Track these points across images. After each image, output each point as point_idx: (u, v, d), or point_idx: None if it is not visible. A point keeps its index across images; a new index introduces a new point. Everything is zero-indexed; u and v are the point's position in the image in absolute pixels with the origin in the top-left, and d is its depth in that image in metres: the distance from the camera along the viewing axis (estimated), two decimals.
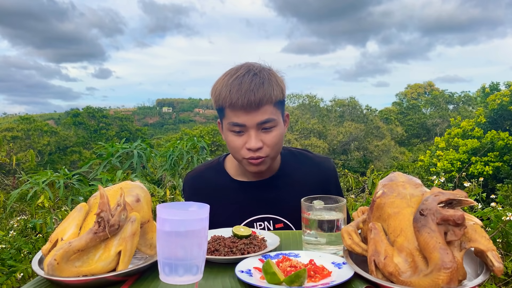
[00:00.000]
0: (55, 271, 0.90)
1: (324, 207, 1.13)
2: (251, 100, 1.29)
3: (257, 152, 1.35)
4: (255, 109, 1.31)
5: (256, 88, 1.30)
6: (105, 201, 0.93)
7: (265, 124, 1.34)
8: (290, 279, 0.88)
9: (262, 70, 1.36)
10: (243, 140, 1.35)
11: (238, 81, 1.32)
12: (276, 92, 1.34)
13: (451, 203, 0.88)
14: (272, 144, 1.36)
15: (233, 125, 1.35)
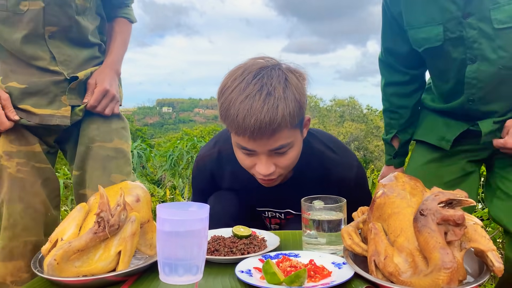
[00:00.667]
0: (55, 271, 0.90)
1: (324, 207, 1.13)
2: (262, 129, 1.09)
3: (270, 175, 1.21)
4: (267, 138, 1.13)
5: (270, 113, 1.08)
6: (105, 201, 0.93)
7: (278, 150, 1.17)
8: (290, 279, 0.88)
9: (278, 85, 1.11)
10: (253, 161, 1.20)
11: (248, 102, 1.09)
12: (292, 112, 1.12)
13: (451, 203, 0.88)
14: (285, 166, 1.22)
15: (242, 148, 1.19)
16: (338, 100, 31.90)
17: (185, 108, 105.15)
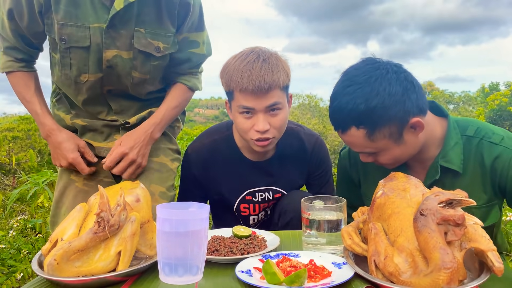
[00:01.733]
0: (55, 271, 0.90)
1: (324, 207, 1.13)
2: (261, 85, 1.35)
3: (265, 133, 1.42)
4: (264, 94, 1.37)
5: (265, 74, 1.36)
6: (105, 201, 0.93)
7: (272, 107, 1.41)
8: (290, 279, 0.88)
9: (270, 56, 1.42)
10: (252, 122, 1.42)
11: (249, 67, 1.37)
12: (283, 77, 1.40)
13: (451, 203, 0.88)
14: (278, 126, 1.44)
15: (243, 108, 1.41)
16: None
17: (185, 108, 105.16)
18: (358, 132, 1.15)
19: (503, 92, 12.02)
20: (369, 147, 1.18)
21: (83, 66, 1.44)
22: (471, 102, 28.01)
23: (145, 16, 1.40)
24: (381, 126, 1.13)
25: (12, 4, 1.36)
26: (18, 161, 5.03)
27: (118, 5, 1.33)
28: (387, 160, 1.21)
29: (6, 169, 5.07)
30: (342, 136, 1.21)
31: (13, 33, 1.41)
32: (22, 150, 5.27)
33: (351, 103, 1.13)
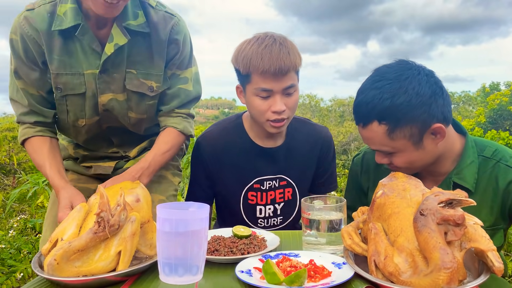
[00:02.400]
0: (55, 271, 0.90)
1: (324, 207, 1.12)
2: (282, 67, 1.41)
3: (281, 114, 1.48)
4: (283, 76, 1.44)
5: (284, 56, 1.42)
6: (105, 201, 0.93)
7: (288, 89, 1.47)
8: (290, 279, 0.88)
9: (285, 40, 1.49)
10: (269, 104, 1.47)
11: (268, 50, 1.42)
12: (298, 60, 1.48)
13: (451, 203, 0.88)
14: (292, 107, 1.52)
15: (261, 90, 1.46)
16: (338, 100, 31.86)
17: None
18: (379, 128, 1.14)
19: (503, 92, 12.01)
20: (387, 146, 1.16)
21: (80, 111, 1.44)
22: (471, 102, 27.98)
23: (136, 57, 1.39)
24: (402, 125, 1.12)
25: (16, 64, 1.37)
26: (18, 161, 5.03)
27: (109, 50, 1.33)
28: (402, 163, 1.19)
29: (6, 169, 5.07)
30: (362, 131, 1.20)
31: (23, 92, 1.40)
32: (22, 150, 5.28)
33: (377, 97, 1.13)
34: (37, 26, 1.30)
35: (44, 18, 1.30)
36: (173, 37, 1.41)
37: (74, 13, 1.29)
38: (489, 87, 16.55)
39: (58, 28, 1.30)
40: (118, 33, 1.32)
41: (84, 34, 1.31)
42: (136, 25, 1.35)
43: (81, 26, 1.30)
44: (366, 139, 1.21)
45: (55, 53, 1.33)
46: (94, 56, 1.35)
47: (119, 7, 1.23)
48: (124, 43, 1.33)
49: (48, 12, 1.31)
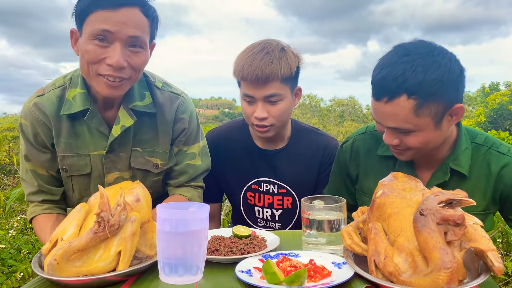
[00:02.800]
0: (55, 271, 0.90)
1: (324, 207, 1.13)
2: (258, 76, 1.46)
3: (263, 121, 1.53)
4: (262, 84, 1.48)
5: (264, 66, 1.46)
6: (105, 201, 0.93)
7: (271, 98, 1.50)
8: (290, 279, 0.88)
9: (275, 49, 1.50)
10: (253, 109, 1.54)
11: (251, 58, 1.48)
12: (284, 69, 1.48)
13: (451, 203, 0.88)
14: (277, 116, 1.53)
15: (245, 95, 1.54)
16: (338, 100, 31.86)
17: None
18: (407, 103, 1.09)
19: (503, 92, 12.00)
20: (409, 123, 1.12)
21: (85, 190, 1.44)
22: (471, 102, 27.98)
23: (142, 136, 1.40)
24: (431, 101, 1.09)
25: (26, 148, 1.38)
26: (18, 161, 5.02)
27: (116, 132, 1.34)
28: (416, 143, 1.15)
29: (6, 169, 5.07)
30: (384, 106, 1.12)
31: (32, 173, 1.41)
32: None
33: (410, 71, 1.08)
34: (46, 111, 1.32)
35: (53, 103, 1.33)
36: (179, 116, 1.43)
37: (84, 98, 1.31)
38: (488, 87, 16.54)
39: (67, 112, 1.32)
40: (125, 115, 1.34)
41: (92, 118, 1.32)
42: (143, 106, 1.37)
43: (90, 110, 1.31)
44: (387, 115, 1.14)
45: (62, 136, 1.35)
46: (101, 138, 1.36)
47: (122, 87, 1.25)
48: (130, 124, 1.34)
49: (57, 96, 1.33)
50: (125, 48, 1.19)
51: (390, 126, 1.16)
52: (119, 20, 1.16)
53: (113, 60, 1.17)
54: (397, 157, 1.27)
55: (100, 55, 1.18)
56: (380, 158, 1.37)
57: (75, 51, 1.26)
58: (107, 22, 1.15)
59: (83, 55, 1.20)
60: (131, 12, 1.18)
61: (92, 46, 1.17)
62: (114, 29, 1.16)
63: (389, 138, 1.18)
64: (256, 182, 1.71)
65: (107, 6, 1.15)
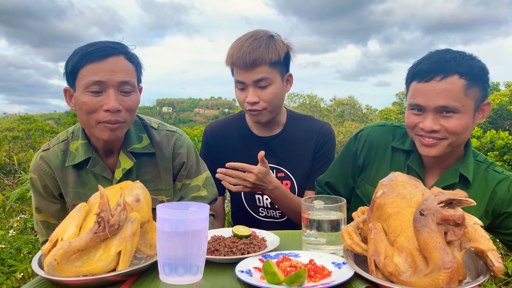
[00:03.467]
0: (55, 271, 0.90)
1: (324, 207, 1.13)
2: (246, 61, 1.54)
3: (254, 105, 1.59)
4: (251, 69, 1.55)
5: (252, 51, 1.54)
6: (105, 201, 0.93)
7: (260, 82, 1.57)
8: (290, 279, 0.88)
9: (263, 36, 1.59)
10: (245, 95, 1.61)
11: (240, 45, 1.57)
12: (271, 54, 1.56)
13: (451, 203, 0.88)
14: (267, 100, 1.59)
15: (236, 82, 1.62)
16: (338, 99, 31.85)
17: (185, 108, 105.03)
18: (459, 81, 1.22)
19: (503, 92, 12.00)
20: (458, 101, 1.23)
21: None
22: None
23: (144, 175, 1.46)
24: (476, 85, 1.24)
25: (36, 200, 1.45)
26: (18, 161, 5.02)
27: (118, 175, 1.41)
28: (457, 127, 1.25)
29: (6, 169, 5.07)
30: (437, 84, 1.23)
31: (43, 224, 1.46)
32: (22, 150, 5.28)
33: (459, 57, 1.25)
34: (51, 164, 1.41)
35: (58, 156, 1.41)
36: (177, 152, 1.49)
37: (85, 148, 1.40)
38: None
39: (71, 163, 1.40)
40: (125, 158, 1.42)
41: (95, 166, 1.40)
42: (141, 148, 1.44)
43: (92, 158, 1.40)
44: (439, 92, 1.23)
45: (70, 186, 1.42)
46: (106, 183, 1.41)
47: (120, 130, 1.33)
48: (130, 166, 1.41)
49: (62, 150, 1.42)
50: (117, 93, 1.28)
51: (439, 105, 1.24)
52: (108, 69, 1.26)
53: (110, 105, 1.26)
54: (426, 150, 1.30)
55: (97, 104, 1.27)
56: (394, 150, 1.45)
57: (71, 106, 1.36)
58: (98, 73, 1.25)
59: (81, 107, 1.28)
60: (117, 60, 1.29)
61: (88, 97, 1.26)
62: (105, 78, 1.26)
63: (432, 122, 1.26)
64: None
65: (95, 58, 1.26)
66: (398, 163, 1.42)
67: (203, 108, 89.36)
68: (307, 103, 31.23)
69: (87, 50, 1.27)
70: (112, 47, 1.29)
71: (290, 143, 1.74)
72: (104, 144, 1.40)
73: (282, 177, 1.73)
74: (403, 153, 1.43)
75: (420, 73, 1.27)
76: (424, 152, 1.31)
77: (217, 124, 1.86)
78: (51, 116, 64.23)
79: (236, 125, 1.81)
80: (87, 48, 1.28)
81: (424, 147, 1.30)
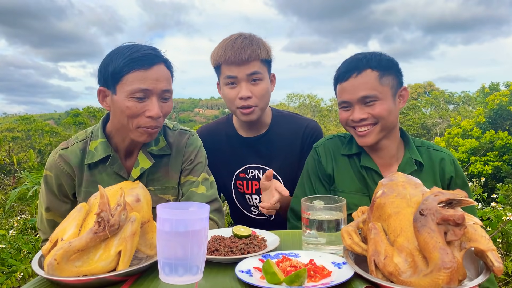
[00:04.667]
0: (55, 271, 0.90)
1: (324, 207, 1.13)
2: (242, 55, 1.59)
3: (248, 101, 1.63)
4: (245, 63, 1.61)
5: (246, 46, 1.61)
6: (105, 201, 0.93)
7: (253, 76, 1.63)
8: (290, 279, 0.88)
9: (251, 36, 1.67)
10: (236, 91, 1.64)
11: (231, 42, 1.63)
12: (262, 51, 1.64)
13: (451, 203, 0.88)
14: (260, 95, 1.64)
15: (228, 77, 1.64)
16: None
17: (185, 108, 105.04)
18: (372, 73, 1.42)
19: (502, 92, 12.00)
20: (375, 90, 1.41)
21: None
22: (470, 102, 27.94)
23: (154, 175, 1.50)
24: (388, 74, 1.44)
25: (48, 198, 1.46)
26: (18, 161, 5.02)
27: (135, 173, 1.45)
28: (382, 111, 1.42)
29: (6, 169, 5.07)
30: (354, 80, 1.43)
31: (49, 223, 1.48)
32: (22, 150, 5.27)
33: (370, 54, 1.46)
34: (71, 162, 1.44)
35: (77, 155, 1.45)
36: (186, 150, 1.54)
37: (105, 146, 1.44)
38: (488, 87, 16.53)
39: (90, 161, 1.43)
40: (144, 158, 1.47)
41: (114, 164, 1.44)
42: (158, 150, 1.49)
43: (111, 156, 1.43)
44: (357, 86, 1.43)
45: (83, 185, 1.45)
46: (121, 181, 1.43)
47: (156, 133, 1.40)
48: (148, 166, 1.46)
49: (80, 149, 1.46)
50: (158, 100, 1.35)
51: (360, 96, 1.42)
52: (154, 78, 1.32)
53: (153, 112, 1.32)
54: (363, 140, 1.46)
55: (140, 109, 1.33)
56: (345, 157, 1.56)
57: (105, 106, 1.41)
58: (144, 81, 1.31)
59: (123, 111, 1.33)
60: (160, 68, 1.35)
61: (132, 103, 1.31)
62: (151, 86, 1.32)
63: (359, 112, 1.44)
64: (243, 170, 1.80)
65: (142, 66, 1.31)
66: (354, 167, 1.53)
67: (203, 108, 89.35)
68: (307, 103, 31.15)
69: (131, 56, 1.31)
70: (155, 55, 1.34)
71: (276, 143, 1.77)
72: (128, 146, 1.45)
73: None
74: (354, 157, 1.54)
75: (340, 75, 1.47)
76: (362, 142, 1.47)
77: (207, 127, 1.91)
78: (51, 116, 64.15)
79: (224, 128, 1.85)
80: (129, 53, 1.31)
81: (361, 138, 1.46)
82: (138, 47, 1.34)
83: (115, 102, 1.35)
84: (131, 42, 1.39)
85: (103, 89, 1.38)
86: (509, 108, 10.79)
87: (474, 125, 11.22)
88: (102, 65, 1.36)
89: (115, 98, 1.34)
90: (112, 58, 1.33)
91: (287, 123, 1.80)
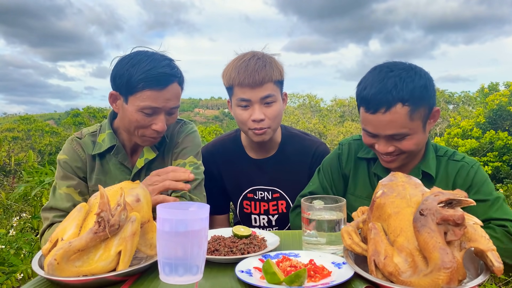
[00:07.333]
0: (55, 271, 0.90)
1: (324, 207, 1.13)
2: (255, 78, 1.56)
3: (260, 123, 1.60)
4: (258, 86, 1.58)
5: (259, 69, 1.58)
6: (105, 201, 0.93)
7: (267, 99, 1.60)
8: (290, 279, 0.88)
9: (264, 56, 1.64)
10: (249, 113, 1.61)
11: (245, 64, 1.59)
12: (275, 73, 1.62)
13: (451, 203, 0.88)
14: (273, 117, 1.62)
15: (241, 100, 1.61)
16: (338, 100, 31.82)
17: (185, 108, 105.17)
18: (402, 109, 1.24)
19: (502, 92, 12.00)
20: (406, 127, 1.27)
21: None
22: (470, 102, 27.95)
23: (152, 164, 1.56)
24: (420, 106, 1.26)
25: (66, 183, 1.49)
26: (18, 161, 5.02)
27: (140, 164, 1.54)
28: (410, 146, 1.30)
29: (6, 169, 5.07)
30: (383, 116, 1.26)
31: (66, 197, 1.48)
32: (22, 150, 5.28)
33: (400, 83, 1.25)
34: (85, 149, 1.54)
35: (89, 145, 1.55)
36: (178, 136, 1.60)
37: (111, 137, 1.53)
38: (488, 87, 16.54)
39: (97, 151, 1.53)
40: (148, 150, 1.55)
41: (118, 153, 1.53)
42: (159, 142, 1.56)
43: (116, 146, 1.53)
44: (385, 124, 1.27)
45: (95, 172, 1.54)
46: (126, 171, 1.55)
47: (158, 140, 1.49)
48: (152, 157, 1.55)
49: (92, 140, 1.56)
50: (166, 115, 1.43)
51: (388, 134, 1.28)
52: (166, 97, 1.38)
53: (159, 127, 1.41)
54: (387, 165, 1.39)
55: (148, 122, 1.41)
56: (364, 160, 1.51)
57: (114, 108, 1.49)
58: (156, 101, 1.37)
59: (131, 121, 1.41)
60: (173, 87, 1.40)
61: (141, 117, 1.39)
62: (161, 105, 1.39)
63: (385, 146, 1.32)
64: (251, 190, 1.79)
65: (157, 86, 1.36)
66: (363, 171, 1.49)
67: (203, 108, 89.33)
68: (307, 103, 31.16)
69: (149, 73, 1.35)
70: (171, 75, 1.38)
71: (285, 164, 1.76)
72: (134, 145, 1.55)
73: (277, 198, 1.77)
74: (369, 161, 1.50)
75: (365, 103, 1.29)
76: (386, 166, 1.40)
77: (214, 144, 1.87)
78: (51, 116, 64.11)
79: (231, 147, 1.83)
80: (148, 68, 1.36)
81: (385, 162, 1.39)
82: (155, 61, 1.38)
83: (125, 110, 1.42)
84: (149, 49, 1.45)
85: (115, 93, 1.44)
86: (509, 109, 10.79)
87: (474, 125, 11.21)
88: (117, 72, 1.40)
89: (125, 107, 1.41)
90: (129, 69, 1.37)
91: (296, 144, 1.78)
